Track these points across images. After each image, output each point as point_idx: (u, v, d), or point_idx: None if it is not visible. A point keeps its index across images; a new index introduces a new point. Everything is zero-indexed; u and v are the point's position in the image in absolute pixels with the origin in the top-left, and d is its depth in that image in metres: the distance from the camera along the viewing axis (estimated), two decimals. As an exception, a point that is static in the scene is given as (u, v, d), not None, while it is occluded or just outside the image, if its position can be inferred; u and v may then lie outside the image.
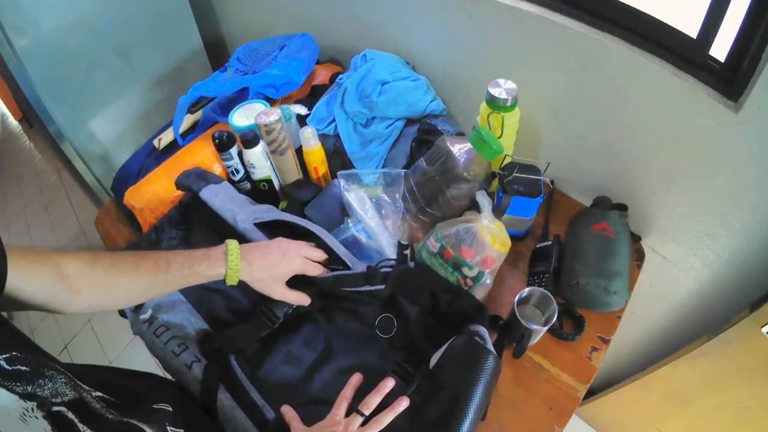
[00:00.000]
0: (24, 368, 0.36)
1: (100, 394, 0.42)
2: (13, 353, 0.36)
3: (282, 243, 0.65)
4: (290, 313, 0.69)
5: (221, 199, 0.77)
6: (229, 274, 0.59)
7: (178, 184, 0.82)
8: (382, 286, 0.68)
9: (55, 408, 0.36)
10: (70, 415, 0.36)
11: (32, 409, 0.34)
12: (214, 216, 0.77)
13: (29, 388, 0.35)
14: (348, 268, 0.70)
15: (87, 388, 0.41)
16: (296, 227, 0.73)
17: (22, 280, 0.45)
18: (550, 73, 0.81)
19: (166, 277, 0.56)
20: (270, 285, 0.62)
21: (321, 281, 0.67)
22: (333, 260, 0.71)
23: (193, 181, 0.80)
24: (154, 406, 0.48)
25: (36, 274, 0.47)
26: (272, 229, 0.73)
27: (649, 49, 0.69)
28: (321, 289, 0.68)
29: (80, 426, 0.37)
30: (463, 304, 0.65)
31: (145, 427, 0.43)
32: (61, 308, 0.51)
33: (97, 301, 0.54)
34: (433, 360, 0.61)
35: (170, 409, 0.49)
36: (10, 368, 0.35)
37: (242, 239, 0.68)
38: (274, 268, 0.62)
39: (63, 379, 0.38)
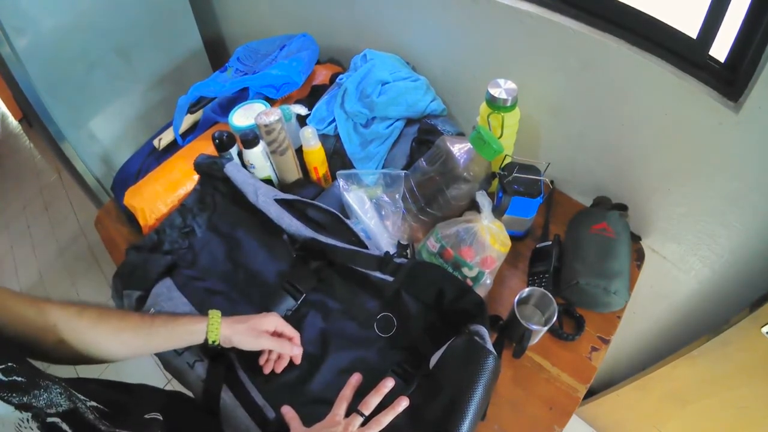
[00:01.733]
0: (20, 379, 0.36)
1: (94, 404, 0.42)
2: (9, 364, 0.37)
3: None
4: (289, 315, 0.69)
5: (243, 174, 0.80)
6: (211, 325, 0.61)
7: (198, 165, 0.83)
8: (391, 278, 0.68)
9: (50, 419, 0.36)
10: (65, 426, 0.37)
11: (27, 420, 0.34)
12: (233, 194, 0.80)
13: (25, 399, 0.35)
14: (365, 247, 0.72)
15: (82, 398, 0.41)
16: (314, 207, 0.76)
17: (5, 322, 0.45)
18: (550, 73, 0.81)
19: (150, 329, 0.58)
20: (251, 334, 0.63)
21: (337, 252, 0.70)
22: (352, 240, 0.73)
23: (215, 159, 0.82)
24: (146, 416, 0.48)
25: (20, 318, 0.47)
26: (294, 210, 0.76)
27: (649, 49, 0.69)
28: (332, 260, 0.70)
29: None
30: (466, 301, 0.65)
31: None
32: (41, 357, 0.50)
33: (78, 353, 0.52)
34: (433, 360, 0.61)
35: (161, 418, 0.49)
36: (6, 379, 0.35)
37: (261, 215, 0.74)
38: (252, 320, 0.63)
39: (58, 390, 0.39)
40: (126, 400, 0.49)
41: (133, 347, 0.57)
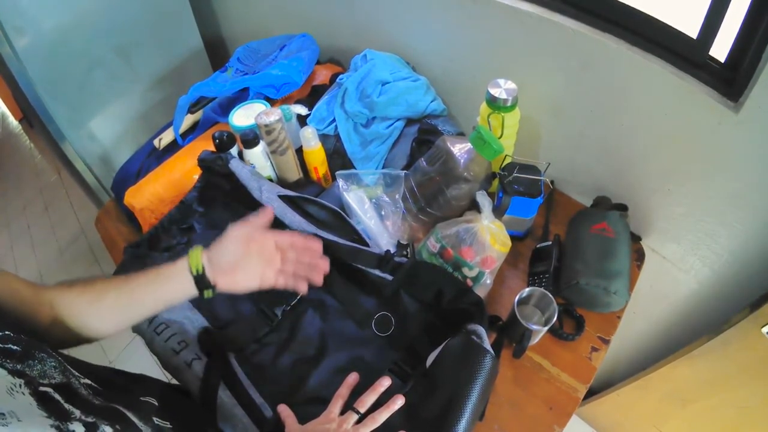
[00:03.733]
0: (15, 347, 0.37)
1: (88, 381, 0.42)
2: (6, 332, 0.37)
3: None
4: (288, 311, 0.70)
5: (248, 170, 0.80)
6: (191, 257, 0.56)
7: (202, 160, 0.83)
8: (390, 278, 0.68)
9: (42, 388, 0.36)
10: (57, 396, 0.37)
11: (20, 386, 0.35)
12: (236, 191, 0.80)
13: (18, 366, 0.36)
14: (367, 245, 0.72)
15: (76, 374, 0.41)
16: (317, 204, 0.77)
17: (4, 298, 0.44)
18: (550, 73, 0.81)
19: (133, 283, 0.54)
20: (223, 237, 0.58)
21: (338, 249, 0.69)
22: (354, 239, 0.73)
23: (219, 155, 0.82)
24: (141, 398, 0.48)
25: (18, 295, 0.47)
26: (296, 207, 0.76)
27: (649, 49, 0.69)
28: (333, 256, 0.69)
29: (66, 405, 0.37)
30: (465, 301, 0.65)
31: (129, 414, 0.43)
32: (45, 334, 0.49)
33: (70, 331, 0.51)
34: (430, 359, 0.61)
35: (156, 403, 0.49)
36: (0, 345, 0.36)
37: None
38: (234, 240, 0.58)
39: (53, 363, 0.39)
40: (122, 382, 0.49)
41: (119, 309, 0.54)
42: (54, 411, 0.36)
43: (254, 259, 0.58)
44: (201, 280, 0.55)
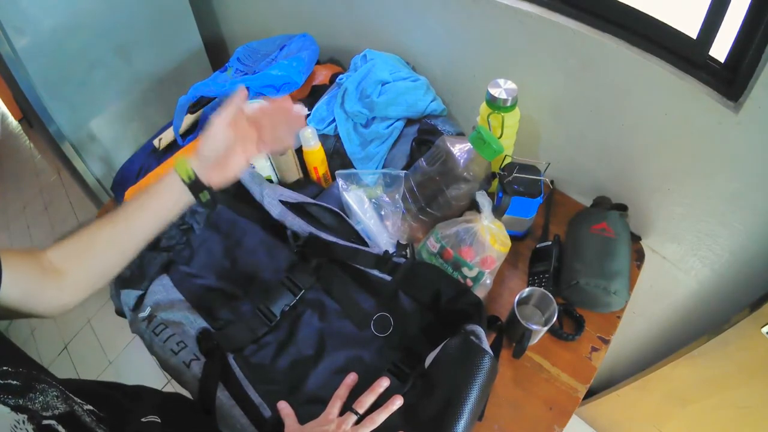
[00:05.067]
0: (15, 382, 0.36)
1: (90, 407, 0.42)
2: (4, 368, 0.37)
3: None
4: (287, 311, 0.70)
5: (248, 174, 0.81)
6: (178, 165, 0.54)
7: None
8: (389, 278, 0.68)
9: (45, 422, 0.36)
10: (60, 428, 0.37)
11: (23, 422, 0.34)
12: (236, 192, 0.81)
13: (20, 401, 0.35)
14: (366, 245, 0.73)
15: (79, 401, 0.41)
16: (317, 206, 0.78)
17: (7, 277, 0.44)
18: (550, 73, 0.81)
19: (126, 208, 0.54)
20: (207, 128, 0.56)
21: (337, 249, 0.70)
22: (352, 239, 0.74)
23: None
24: (143, 419, 0.48)
25: (20, 269, 0.47)
26: (297, 210, 0.77)
27: (649, 49, 0.69)
28: (332, 257, 0.70)
29: None
30: (463, 302, 0.65)
31: None
32: (55, 300, 0.50)
33: (85, 272, 0.52)
34: (428, 359, 0.61)
35: (159, 420, 0.49)
36: (1, 382, 0.35)
37: (267, 216, 0.76)
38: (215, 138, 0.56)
39: (55, 393, 0.39)
40: (123, 403, 0.49)
41: (118, 238, 0.53)
42: None
43: (237, 141, 0.57)
44: (195, 186, 0.54)
